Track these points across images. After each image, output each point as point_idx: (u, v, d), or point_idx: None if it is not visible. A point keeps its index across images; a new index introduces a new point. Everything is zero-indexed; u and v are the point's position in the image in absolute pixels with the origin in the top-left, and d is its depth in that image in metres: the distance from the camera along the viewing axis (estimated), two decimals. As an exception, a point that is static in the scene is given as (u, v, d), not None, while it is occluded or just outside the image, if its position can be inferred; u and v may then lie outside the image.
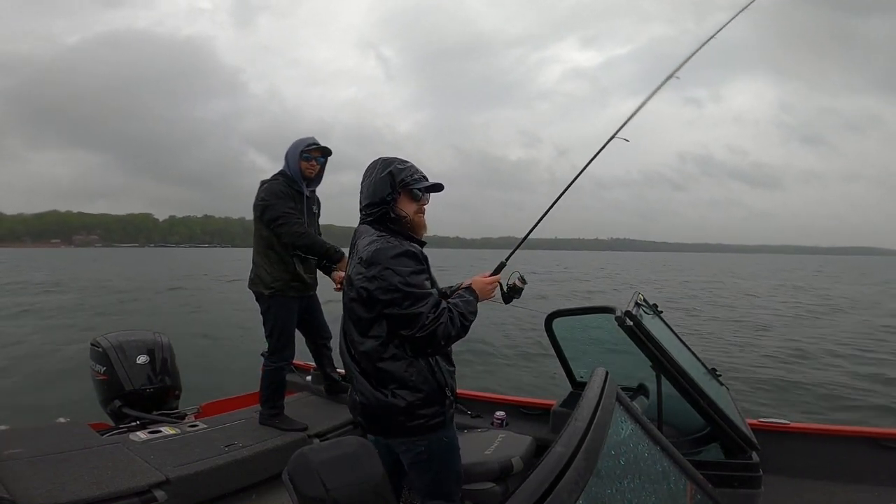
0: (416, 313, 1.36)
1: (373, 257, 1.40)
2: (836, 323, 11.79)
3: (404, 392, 1.42)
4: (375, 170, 1.50)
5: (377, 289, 1.38)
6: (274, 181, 2.44)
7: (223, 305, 13.77)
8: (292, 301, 2.50)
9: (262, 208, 2.40)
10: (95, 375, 2.66)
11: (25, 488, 1.67)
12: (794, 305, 15.75)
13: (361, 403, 1.48)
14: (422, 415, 1.44)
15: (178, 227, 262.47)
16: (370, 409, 1.46)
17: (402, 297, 1.37)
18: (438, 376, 1.47)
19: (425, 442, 1.47)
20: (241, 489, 2.10)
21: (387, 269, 1.37)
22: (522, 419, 2.71)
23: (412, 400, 1.42)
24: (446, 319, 1.39)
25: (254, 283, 2.49)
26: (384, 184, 1.47)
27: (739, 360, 7.52)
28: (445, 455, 1.53)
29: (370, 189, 1.50)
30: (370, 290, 1.40)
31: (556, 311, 2.66)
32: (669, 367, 1.92)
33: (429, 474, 1.52)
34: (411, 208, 1.51)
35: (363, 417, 1.50)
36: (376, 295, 1.39)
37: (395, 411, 1.43)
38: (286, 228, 2.37)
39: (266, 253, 2.45)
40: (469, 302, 1.49)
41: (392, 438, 1.50)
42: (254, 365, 2.57)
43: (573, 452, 0.67)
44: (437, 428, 1.47)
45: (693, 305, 14.82)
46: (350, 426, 2.65)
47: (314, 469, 1.23)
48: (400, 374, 1.42)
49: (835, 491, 2.13)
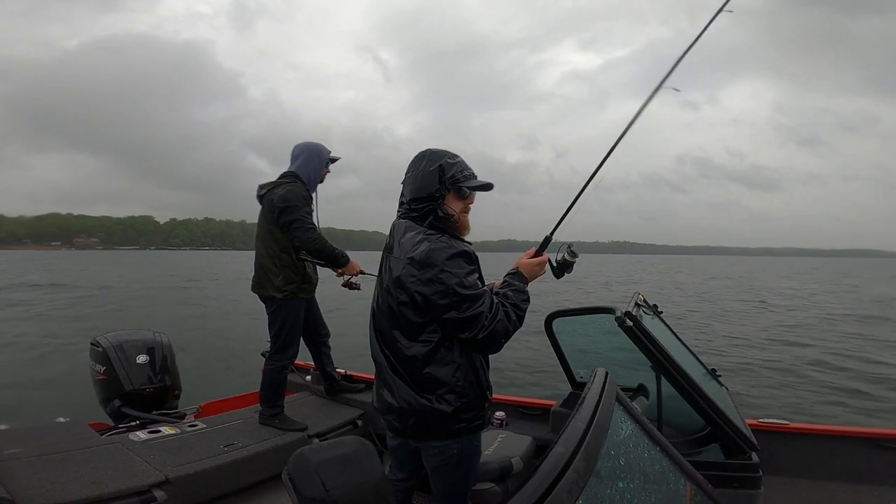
0: (476, 314, 1.32)
1: (427, 258, 1.34)
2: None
3: (451, 397, 1.38)
4: (423, 163, 1.43)
5: (435, 293, 1.33)
6: (294, 184, 2.45)
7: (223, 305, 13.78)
8: (301, 302, 2.53)
9: (281, 209, 2.39)
10: (95, 375, 2.66)
11: (25, 488, 1.67)
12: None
13: (401, 409, 1.42)
14: (464, 419, 1.41)
15: (179, 230, 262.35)
16: (412, 414, 1.41)
17: (461, 300, 1.32)
18: (482, 380, 1.45)
19: (458, 445, 1.44)
20: (240, 489, 2.10)
21: (444, 272, 1.32)
22: (522, 419, 2.71)
23: (458, 405, 1.39)
24: (503, 316, 1.36)
25: (262, 287, 2.48)
26: (433, 178, 1.41)
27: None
28: (473, 457, 1.52)
29: (417, 183, 1.43)
30: (426, 295, 1.34)
31: (556, 311, 2.66)
32: (669, 368, 1.92)
33: (455, 476, 1.51)
34: (458, 206, 1.45)
35: (400, 422, 1.44)
36: (434, 300, 1.33)
37: (441, 416, 1.39)
38: (301, 232, 2.39)
39: (280, 256, 2.45)
40: (519, 290, 1.45)
41: (429, 442, 1.46)
42: (254, 365, 2.57)
43: (573, 452, 0.67)
44: (476, 430, 1.46)
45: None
46: (350, 426, 2.65)
47: (314, 469, 1.23)
48: (447, 380, 1.38)
49: (835, 491, 2.13)
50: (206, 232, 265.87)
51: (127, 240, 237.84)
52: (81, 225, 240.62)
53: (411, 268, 1.36)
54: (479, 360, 1.45)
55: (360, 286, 2.61)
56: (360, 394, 2.89)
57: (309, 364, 3.16)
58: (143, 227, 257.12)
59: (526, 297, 1.45)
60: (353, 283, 2.61)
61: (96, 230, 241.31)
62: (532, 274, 1.52)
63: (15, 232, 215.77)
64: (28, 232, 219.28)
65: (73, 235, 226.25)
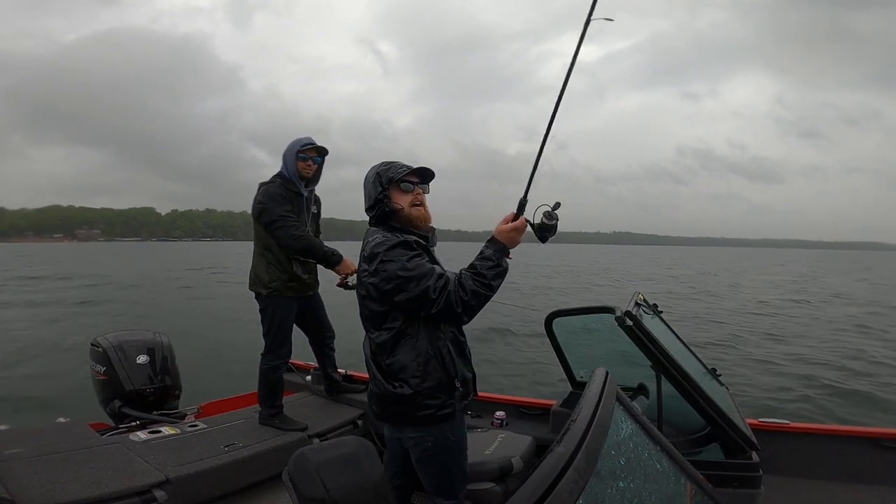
0: (423, 290, 1.41)
1: (371, 252, 1.49)
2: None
3: (413, 381, 1.47)
4: (367, 178, 1.63)
5: (381, 280, 1.46)
6: (271, 183, 2.45)
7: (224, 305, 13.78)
8: (290, 301, 2.51)
9: (258, 211, 2.41)
10: (95, 375, 2.66)
11: (25, 488, 1.67)
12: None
13: (376, 394, 1.55)
14: (429, 405, 1.48)
15: (181, 222, 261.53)
16: (382, 399, 1.53)
17: (405, 282, 1.42)
18: (450, 367, 1.50)
19: (432, 438, 1.51)
20: (241, 489, 2.10)
21: (384, 262, 1.45)
22: (522, 419, 2.71)
23: (419, 389, 1.47)
24: (455, 287, 1.41)
25: (253, 284, 2.51)
26: (374, 186, 1.58)
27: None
28: (452, 452, 1.56)
29: (365, 195, 1.62)
30: (375, 284, 1.48)
31: (557, 310, 2.66)
32: (669, 367, 1.92)
33: (433, 469, 1.55)
34: (405, 200, 1.58)
35: (378, 407, 1.57)
36: (381, 287, 1.46)
37: (402, 400, 1.48)
38: (282, 232, 2.38)
39: (263, 254, 2.46)
40: (486, 258, 1.44)
41: (402, 428, 1.56)
42: (254, 365, 2.57)
43: (573, 452, 0.67)
44: (446, 419, 1.50)
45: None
46: (350, 426, 2.65)
47: (314, 469, 1.24)
48: (409, 364, 1.48)
49: (835, 491, 2.13)
50: (207, 223, 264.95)
51: (129, 231, 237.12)
52: (83, 217, 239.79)
53: (363, 264, 1.54)
54: (448, 349, 1.51)
55: (356, 286, 2.58)
56: (360, 394, 2.89)
57: (309, 364, 3.16)
58: (145, 219, 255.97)
59: (493, 265, 1.43)
60: (348, 282, 2.58)
61: (98, 222, 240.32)
62: (509, 240, 1.49)
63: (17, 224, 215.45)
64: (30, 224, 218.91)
65: (75, 227, 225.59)
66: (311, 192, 2.57)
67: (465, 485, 1.66)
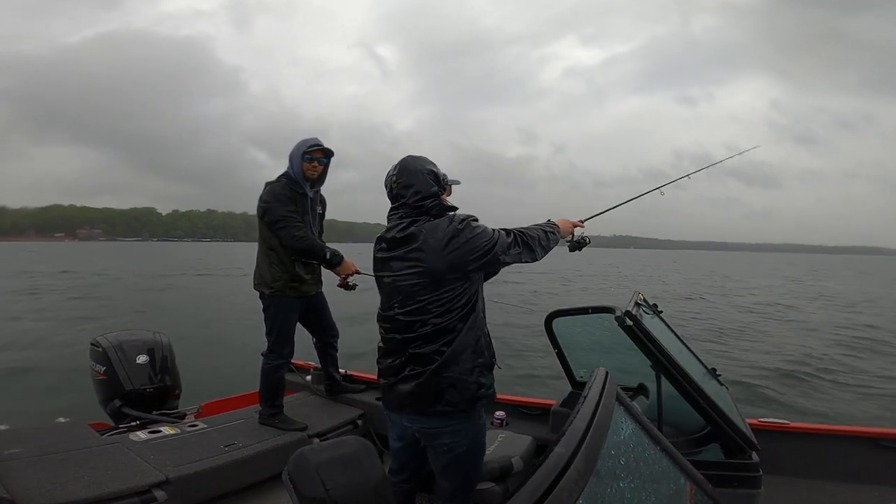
0: (494, 241, 1.52)
1: (455, 230, 1.51)
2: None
3: (471, 362, 1.51)
4: (416, 169, 1.60)
5: (466, 252, 1.50)
6: (276, 183, 2.45)
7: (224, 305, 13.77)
8: (293, 300, 2.51)
9: (263, 210, 2.43)
10: (95, 375, 2.66)
11: (25, 488, 1.67)
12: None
13: (421, 384, 1.50)
14: (481, 383, 1.53)
15: (181, 222, 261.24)
16: (428, 386, 1.49)
17: (489, 239, 1.53)
18: (490, 349, 1.59)
19: (468, 440, 1.54)
20: (241, 489, 2.10)
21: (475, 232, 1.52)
22: (522, 419, 2.71)
23: (473, 369, 1.51)
24: (514, 238, 1.58)
25: (257, 283, 2.52)
26: (431, 182, 1.60)
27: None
28: (478, 454, 1.61)
29: (420, 185, 1.58)
30: (454, 261, 1.49)
31: (556, 310, 2.65)
32: (669, 367, 1.92)
33: (461, 474, 1.58)
34: (448, 201, 1.69)
35: (415, 398, 1.52)
36: (476, 252, 1.51)
37: (457, 383, 1.49)
38: (285, 232, 2.39)
39: (267, 253, 2.47)
40: (542, 227, 1.72)
41: (440, 422, 1.52)
42: (254, 365, 2.57)
43: (573, 452, 0.67)
44: (488, 398, 1.56)
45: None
46: (350, 426, 2.65)
47: (314, 469, 1.23)
48: (469, 344, 1.51)
49: (835, 491, 2.13)
50: (208, 224, 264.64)
51: (130, 231, 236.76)
52: (84, 216, 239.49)
53: (437, 245, 1.53)
54: (488, 332, 1.63)
55: (355, 286, 2.60)
56: (360, 394, 2.89)
57: (309, 364, 3.16)
58: (146, 219, 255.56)
59: (549, 234, 1.72)
60: (349, 283, 2.59)
61: (99, 221, 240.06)
62: (565, 229, 1.88)
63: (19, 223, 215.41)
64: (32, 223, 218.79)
65: (77, 227, 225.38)
66: (317, 192, 2.58)
67: (475, 486, 1.68)
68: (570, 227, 1.93)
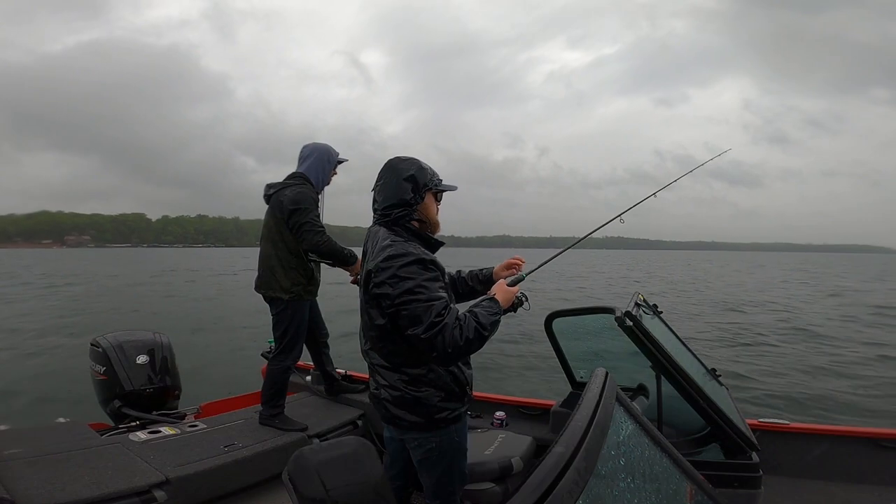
0: (419, 313, 1.34)
1: (385, 263, 1.39)
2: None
3: (430, 390, 1.45)
4: (395, 171, 1.49)
5: (386, 294, 1.38)
6: (303, 185, 2.45)
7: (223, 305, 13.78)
8: (306, 304, 2.54)
9: (291, 211, 2.39)
10: (95, 375, 2.66)
11: (25, 488, 1.67)
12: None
13: (386, 398, 1.49)
14: (444, 408, 1.47)
15: (172, 227, 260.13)
16: (393, 403, 1.48)
17: (408, 301, 1.35)
18: (459, 375, 1.50)
19: (437, 439, 1.50)
20: (241, 489, 2.10)
21: (395, 277, 1.36)
22: (522, 419, 2.71)
23: (434, 398, 1.45)
24: (455, 325, 1.34)
25: (268, 287, 2.48)
26: (404, 187, 1.47)
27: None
28: (455, 453, 1.55)
29: (391, 190, 1.49)
30: (381, 295, 1.40)
31: (556, 311, 2.65)
32: (669, 368, 1.92)
33: (436, 471, 1.55)
34: (432, 210, 1.55)
35: (385, 410, 1.51)
36: (389, 294, 1.37)
37: (419, 405, 1.45)
38: (311, 235, 2.39)
39: (287, 258, 2.45)
40: (481, 317, 1.41)
41: (407, 431, 1.51)
42: (253, 365, 2.57)
43: (573, 452, 0.67)
44: (456, 420, 1.50)
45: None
46: (350, 426, 2.65)
47: (314, 469, 1.24)
48: (426, 373, 1.45)
49: (835, 491, 2.13)
50: (199, 229, 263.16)
51: (119, 237, 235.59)
52: (73, 223, 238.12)
53: (373, 274, 1.43)
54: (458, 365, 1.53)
55: None
56: (360, 394, 2.90)
57: (309, 364, 3.16)
58: (136, 225, 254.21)
59: (496, 319, 1.45)
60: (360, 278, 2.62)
61: (88, 228, 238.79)
62: (506, 301, 1.54)
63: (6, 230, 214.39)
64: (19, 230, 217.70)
65: (65, 233, 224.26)
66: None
67: (463, 487, 1.66)
68: (511, 295, 1.56)
